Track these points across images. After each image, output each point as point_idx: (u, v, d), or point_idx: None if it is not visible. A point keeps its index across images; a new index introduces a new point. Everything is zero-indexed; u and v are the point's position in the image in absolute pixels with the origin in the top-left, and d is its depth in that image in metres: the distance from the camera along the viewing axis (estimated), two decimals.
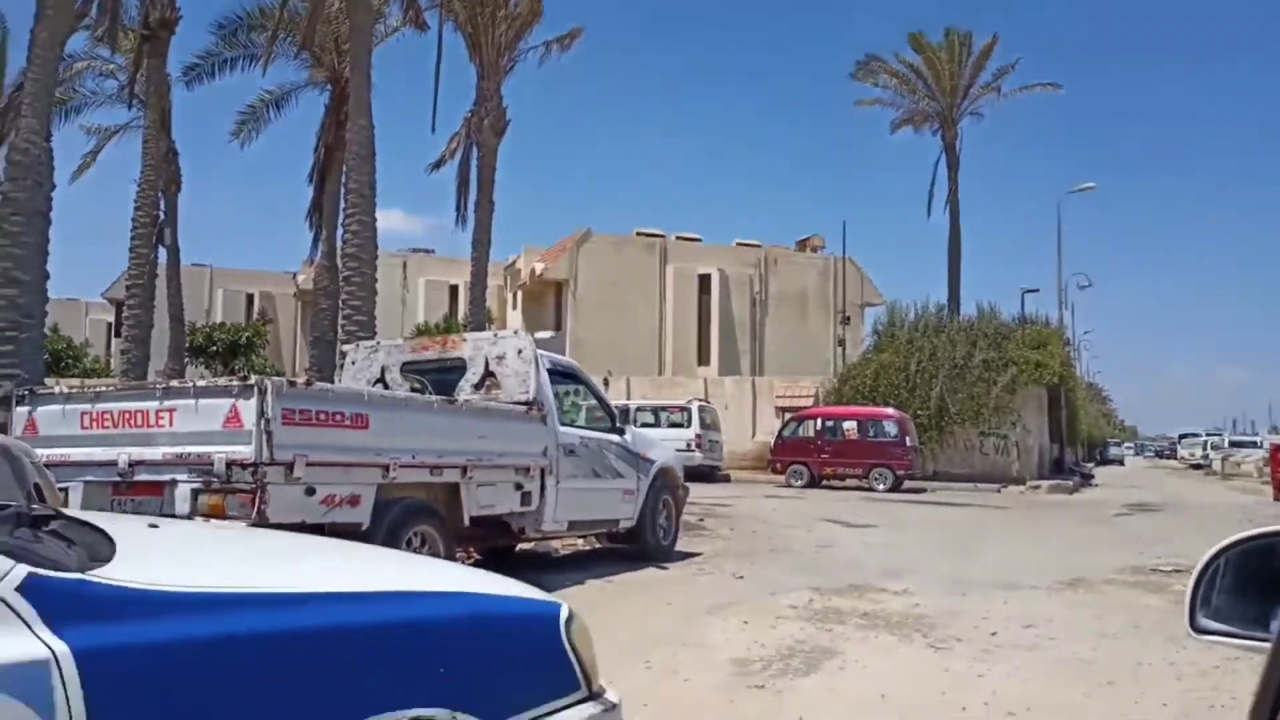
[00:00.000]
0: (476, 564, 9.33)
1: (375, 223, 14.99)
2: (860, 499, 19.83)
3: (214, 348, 37.04)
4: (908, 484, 22.69)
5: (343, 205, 14.69)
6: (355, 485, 5.93)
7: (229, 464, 5.36)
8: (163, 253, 20.89)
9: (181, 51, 22.46)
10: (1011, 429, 26.36)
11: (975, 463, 26.14)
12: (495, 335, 8.35)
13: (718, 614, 7.07)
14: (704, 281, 40.13)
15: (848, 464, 23.24)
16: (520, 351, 8.01)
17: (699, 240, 42.15)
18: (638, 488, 9.23)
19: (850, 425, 24.07)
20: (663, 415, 25.94)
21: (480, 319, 20.33)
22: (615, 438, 9.02)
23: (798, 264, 42.56)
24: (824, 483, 23.44)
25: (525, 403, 7.84)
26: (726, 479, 26.17)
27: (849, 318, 34.48)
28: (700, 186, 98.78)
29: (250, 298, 48.50)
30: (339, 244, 16.34)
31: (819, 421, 24.87)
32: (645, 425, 25.54)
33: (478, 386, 8.13)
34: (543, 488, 7.86)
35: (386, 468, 6.14)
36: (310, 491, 5.61)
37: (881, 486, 22.28)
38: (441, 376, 8.38)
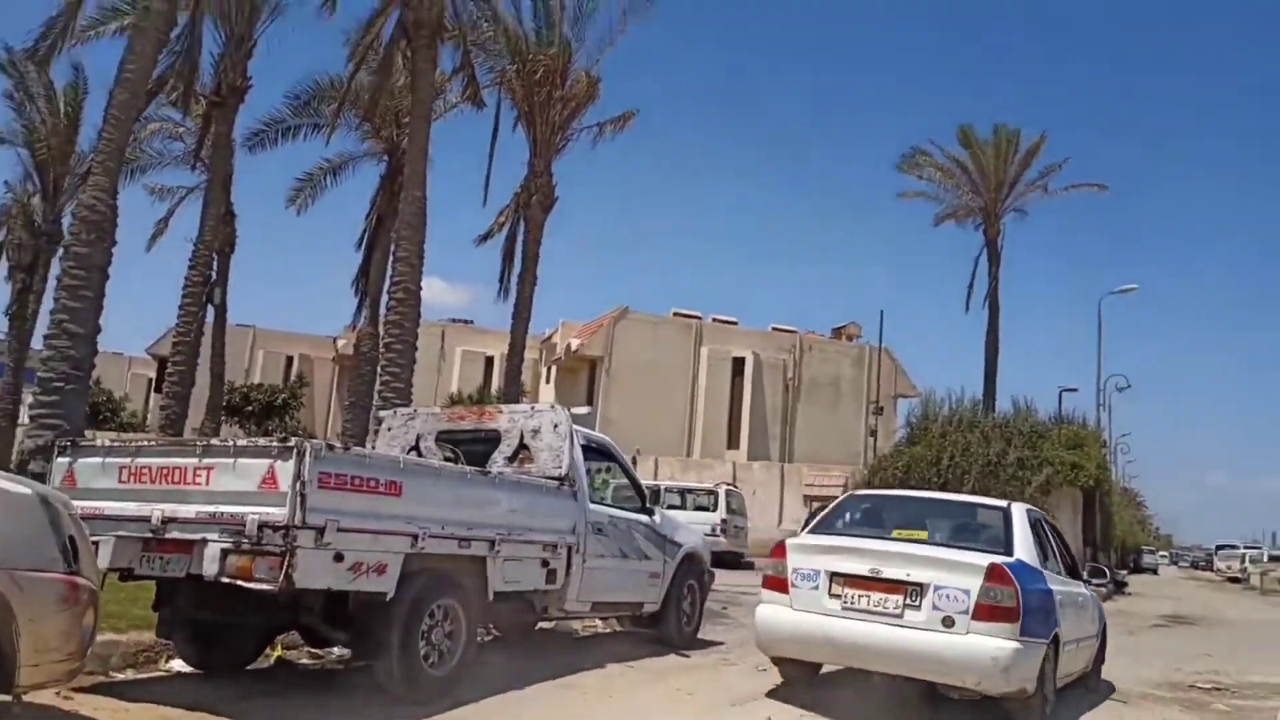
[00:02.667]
0: (495, 641, 9.24)
1: (420, 292, 15.24)
2: None
3: (250, 407, 37.52)
4: None
5: (390, 273, 14.96)
6: (384, 553, 5.90)
7: (261, 525, 5.36)
8: (209, 310, 21.36)
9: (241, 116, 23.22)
10: None
11: None
12: (531, 408, 8.38)
13: (743, 708, 6.92)
14: (738, 364, 40.24)
15: None
16: (556, 426, 8.02)
17: (735, 323, 42.40)
18: (664, 571, 9.12)
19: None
20: (689, 497, 25.75)
21: (515, 392, 20.43)
22: (644, 518, 8.96)
23: (832, 351, 42.60)
24: None
25: (558, 478, 7.83)
26: (750, 566, 25.81)
27: (882, 408, 34.28)
28: (740, 269, 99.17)
29: (290, 360, 49.27)
30: (383, 311, 16.58)
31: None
32: (671, 507, 25.40)
33: (511, 459, 8.13)
34: (569, 566, 7.79)
35: (416, 537, 6.11)
36: (339, 558, 5.58)
37: None
38: (475, 447, 8.38)
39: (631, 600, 8.88)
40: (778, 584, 7.12)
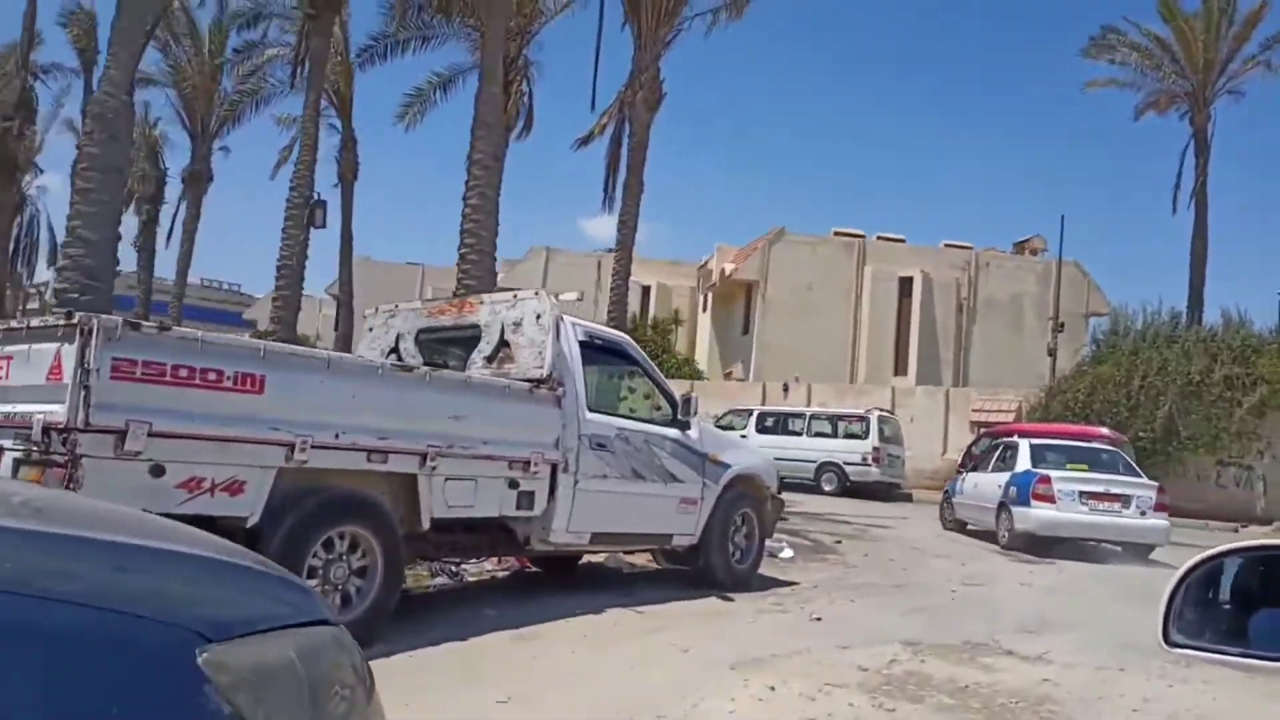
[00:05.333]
0: (514, 576, 7.96)
1: (498, 197, 13.91)
2: None
3: None
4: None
5: (466, 179, 13.67)
6: (239, 467, 4.57)
7: (46, 428, 4.14)
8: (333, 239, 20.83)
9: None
10: (1258, 459, 22.20)
11: (1209, 497, 22.13)
12: (514, 296, 6.85)
13: (744, 672, 5.23)
14: (905, 285, 37.13)
15: None
16: (539, 317, 6.46)
17: (902, 240, 39.21)
18: (701, 496, 7.44)
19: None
20: (840, 425, 23.74)
21: (621, 310, 18.92)
22: (672, 432, 7.27)
23: (1012, 268, 38.68)
24: None
25: (535, 380, 6.28)
26: (908, 498, 23.66)
27: (1063, 324, 30.54)
28: (907, 182, 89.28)
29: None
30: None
31: (1015, 439, 21.85)
32: (820, 435, 23.55)
33: (491, 358, 6.66)
34: (553, 488, 6.27)
35: (292, 447, 4.76)
36: (158, 471, 4.30)
37: None
38: (456, 346, 7.01)
39: (652, 531, 7.27)
40: (1047, 498, 12.17)
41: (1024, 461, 13.18)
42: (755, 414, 24.16)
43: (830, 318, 36.74)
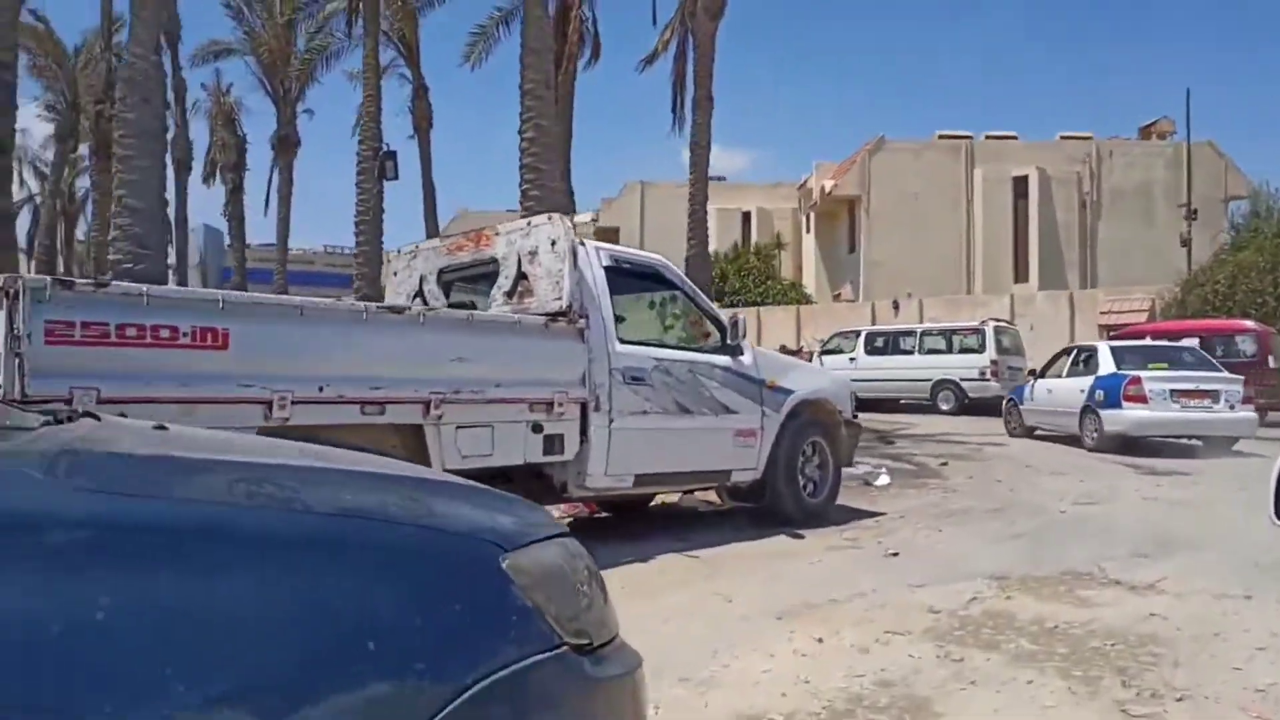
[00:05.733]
0: (588, 523, 7.56)
1: (565, 129, 13.36)
2: None
3: None
4: (1271, 416, 17.63)
5: (521, 111, 13.11)
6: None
7: None
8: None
9: None
10: None
11: None
12: (529, 224, 6.30)
13: (792, 621, 4.65)
14: (1020, 184, 34.99)
15: None
16: (554, 243, 5.90)
17: (1014, 138, 36.85)
18: (761, 427, 6.80)
19: (1189, 344, 19.29)
20: (954, 339, 22.48)
21: (701, 236, 18.07)
22: (721, 359, 6.63)
23: (1139, 155, 35.95)
24: None
25: (553, 313, 5.74)
26: None
27: (1197, 211, 28.15)
28: (1014, 76, 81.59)
29: None
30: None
31: (1148, 340, 20.24)
32: (933, 351, 22.34)
33: (510, 293, 6.15)
34: (585, 429, 5.75)
35: (269, 404, 4.37)
36: None
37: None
38: (482, 282, 6.53)
39: (706, 468, 6.67)
40: (1139, 398, 12.28)
41: (1107, 365, 13.34)
42: (863, 335, 23.13)
43: (940, 227, 35.01)
